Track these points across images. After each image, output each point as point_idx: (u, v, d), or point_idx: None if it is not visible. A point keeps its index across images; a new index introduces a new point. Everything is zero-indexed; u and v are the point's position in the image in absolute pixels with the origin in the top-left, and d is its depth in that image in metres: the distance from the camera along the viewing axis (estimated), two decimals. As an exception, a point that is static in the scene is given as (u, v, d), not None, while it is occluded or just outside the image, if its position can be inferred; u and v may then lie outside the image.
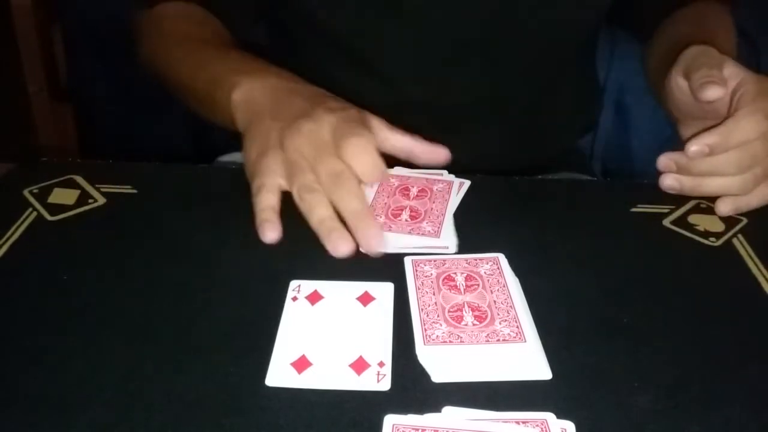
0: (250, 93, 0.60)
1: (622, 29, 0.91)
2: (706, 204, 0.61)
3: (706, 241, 0.57)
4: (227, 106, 0.61)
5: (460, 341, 0.46)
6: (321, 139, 0.55)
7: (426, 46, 0.75)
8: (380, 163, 0.55)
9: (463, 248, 0.55)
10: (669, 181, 0.60)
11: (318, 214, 0.53)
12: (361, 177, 0.54)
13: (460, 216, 0.59)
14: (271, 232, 0.54)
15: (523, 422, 0.40)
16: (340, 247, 0.51)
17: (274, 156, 0.56)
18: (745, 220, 0.59)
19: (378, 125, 0.58)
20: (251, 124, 0.59)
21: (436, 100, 0.78)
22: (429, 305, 0.49)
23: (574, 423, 0.40)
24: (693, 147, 0.57)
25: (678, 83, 0.61)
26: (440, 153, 0.58)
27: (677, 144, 0.61)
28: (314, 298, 0.49)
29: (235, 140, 0.62)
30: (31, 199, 0.60)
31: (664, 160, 0.60)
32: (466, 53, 0.76)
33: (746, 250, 0.56)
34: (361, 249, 0.52)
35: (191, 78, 0.68)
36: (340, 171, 0.54)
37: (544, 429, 0.40)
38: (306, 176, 0.54)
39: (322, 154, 0.54)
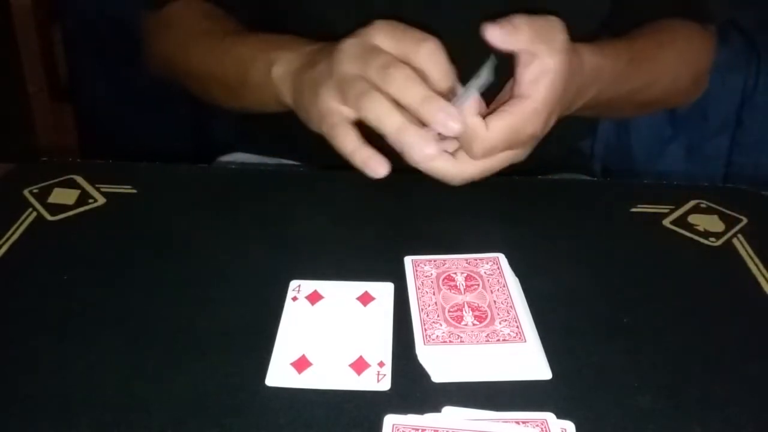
0: (290, 65, 0.60)
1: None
2: (706, 204, 0.61)
3: (706, 241, 0.57)
4: (267, 83, 0.61)
5: (460, 341, 0.46)
6: (362, 48, 0.54)
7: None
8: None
9: (463, 248, 0.55)
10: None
11: (389, 122, 0.51)
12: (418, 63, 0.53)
13: (459, 215, 0.59)
14: (378, 166, 0.51)
15: (523, 422, 0.40)
16: (425, 149, 0.50)
17: (326, 90, 0.54)
18: (745, 220, 0.59)
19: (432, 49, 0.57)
20: (299, 94, 0.59)
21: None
22: (429, 305, 0.49)
23: (574, 423, 0.40)
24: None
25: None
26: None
27: (673, 144, 0.61)
28: (314, 298, 0.50)
29: (235, 140, 0.62)
30: (31, 199, 0.60)
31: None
32: (466, 55, 0.75)
33: (746, 250, 0.56)
34: (440, 131, 0.50)
35: (219, 67, 0.68)
36: (387, 62, 0.52)
37: (544, 429, 0.40)
38: (357, 84, 0.52)
39: (366, 56, 0.53)
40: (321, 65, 0.56)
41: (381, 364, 0.44)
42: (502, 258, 0.53)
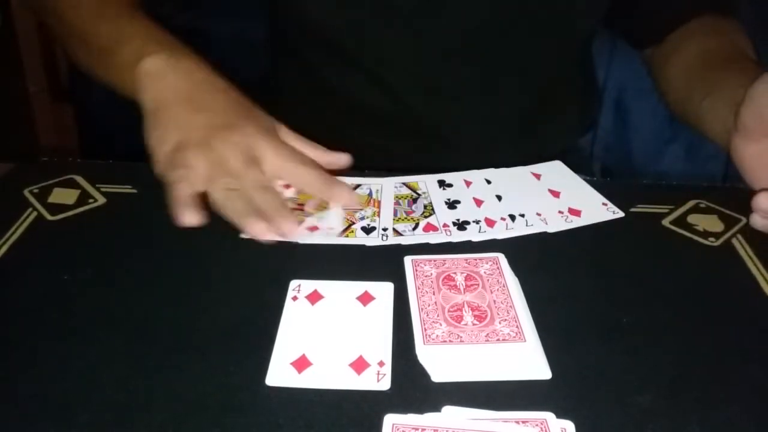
0: (164, 70, 0.59)
1: (614, 33, 0.91)
2: (706, 204, 0.61)
3: (705, 241, 0.57)
4: (130, 68, 0.59)
5: (460, 341, 0.46)
6: (249, 155, 0.55)
7: (423, 49, 0.75)
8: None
9: (463, 248, 0.55)
10: (761, 223, 0.57)
11: (235, 204, 0.53)
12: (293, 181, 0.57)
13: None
14: (190, 216, 0.53)
15: (523, 422, 0.40)
16: (255, 226, 0.53)
17: (197, 154, 0.55)
18: (744, 220, 0.59)
19: (287, 137, 0.59)
20: (164, 108, 0.58)
21: (434, 101, 0.78)
22: (429, 305, 0.49)
23: (574, 423, 0.40)
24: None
25: None
26: (340, 159, 0.60)
27: (673, 144, 0.60)
28: (314, 297, 0.50)
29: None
30: (31, 199, 0.60)
31: (763, 203, 0.56)
32: (465, 55, 0.76)
33: (746, 250, 0.56)
34: (274, 234, 0.53)
35: (93, 31, 0.65)
36: (264, 181, 0.55)
37: (544, 429, 0.40)
38: (231, 181, 0.54)
39: (248, 165, 0.55)
40: (201, 123, 0.57)
41: (381, 364, 0.44)
42: (502, 258, 0.53)
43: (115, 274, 0.52)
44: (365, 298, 0.49)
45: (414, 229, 0.57)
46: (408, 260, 0.53)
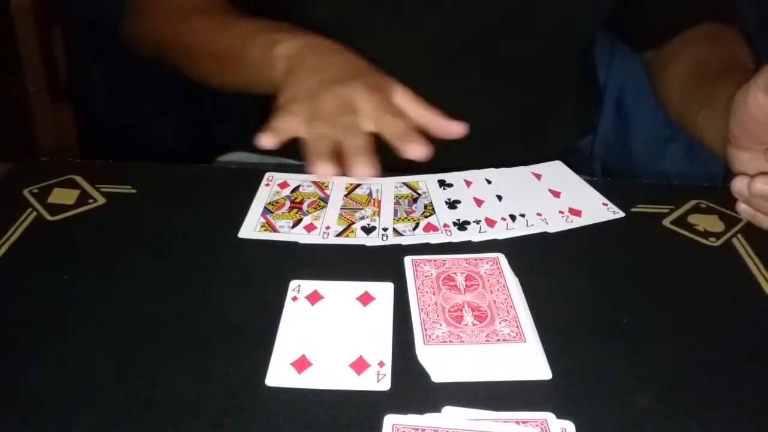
0: (293, 48, 0.65)
1: (614, 35, 0.91)
2: (706, 204, 0.61)
3: (705, 241, 0.57)
4: (266, 59, 0.66)
5: (460, 341, 0.46)
6: (348, 104, 0.60)
7: (424, 49, 0.75)
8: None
9: (463, 248, 0.55)
10: (743, 207, 0.58)
11: (319, 144, 0.58)
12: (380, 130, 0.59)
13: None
14: (264, 140, 0.59)
15: (523, 422, 0.40)
16: (322, 167, 0.57)
17: (301, 104, 0.61)
18: (745, 220, 0.59)
19: (403, 98, 0.63)
20: (291, 74, 0.64)
21: (436, 101, 0.78)
22: (429, 305, 0.49)
23: (574, 423, 0.40)
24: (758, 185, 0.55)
25: (758, 99, 0.55)
26: (456, 127, 0.62)
27: (673, 144, 0.60)
28: (314, 298, 0.49)
29: (235, 140, 0.62)
30: (31, 199, 0.60)
31: (740, 186, 0.56)
32: (466, 56, 0.76)
33: (746, 250, 0.56)
34: (350, 174, 0.57)
35: (215, 41, 0.72)
36: (355, 124, 0.59)
37: (544, 429, 0.40)
38: (322, 126, 0.59)
39: (344, 112, 0.59)
40: (313, 81, 0.62)
41: (381, 364, 0.44)
42: (502, 258, 0.53)
43: (115, 274, 0.52)
44: (365, 299, 0.49)
45: (414, 229, 0.57)
46: (408, 260, 0.53)
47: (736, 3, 0.81)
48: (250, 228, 0.57)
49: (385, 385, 0.43)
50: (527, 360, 0.45)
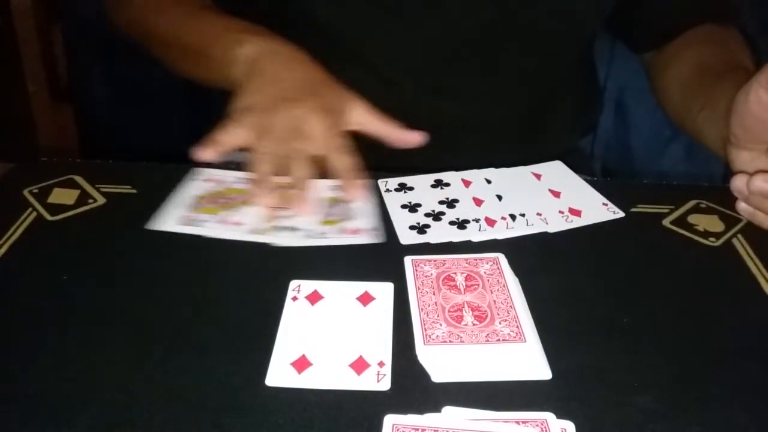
0: (255, 51, 0.65)
1: (614, 36, 0.91)
2: (706, 204, 0.61)
3: (705, 241, 0.57)
4: (229, 57, 0.65)
5: (460, 341, 0.46)
6: (299, 127, 0.59)
7: (425, 50, 0.75)
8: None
9: (463, 248, 0.55)
10: (743, 206, 0.57)
11: (264, 165, 0.58)
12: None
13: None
14: (201, 153, 0.59)
15: (523, 422, 0.40)
16: (263, 198, 0.58)
17: (253, 117, 0.60)
18: (745, 220, 0.59)
19: (359, 112, 0.63)
20: (248, 79, 0.63)
21: (436, 101, 0.78)
22: (429, 305, 0.49)
23: (574, 423, 0.40)
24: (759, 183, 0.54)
25: (760, 97, 0.54)
26: (414, 137, 0.62)
27: (673, 144, 0.60)
28: (314, 298, 0.49)
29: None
30: (31, 199, 0.60)
31: (739, 184, 0.56)
32: (467, 56, 0.76)
33: (746, 250, 0.56)
34: (289, 208, 0.58)
35: (187, 33, 0.72)
36: (303, 152, 0.58)
37: (544, 429, 0.40)
38: (271, 145, 0.59)
39: (295, 136, 0.59)
40: (273, 92, 0.62)
41: (381, 364, 0.44)
42: (502, 258, 0.53)
43: (115, 274, 0.52)
44: (365, 299, 0.49)
45: (337, 231, 0.57)
46: (408, 260, 0.53)
47: (736, 4, 0.81)
48: (171, 221, 0.57)
49: (385, 385, 0.43)
50: (527, 360, 0.45)
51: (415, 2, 0.73)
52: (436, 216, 0.59)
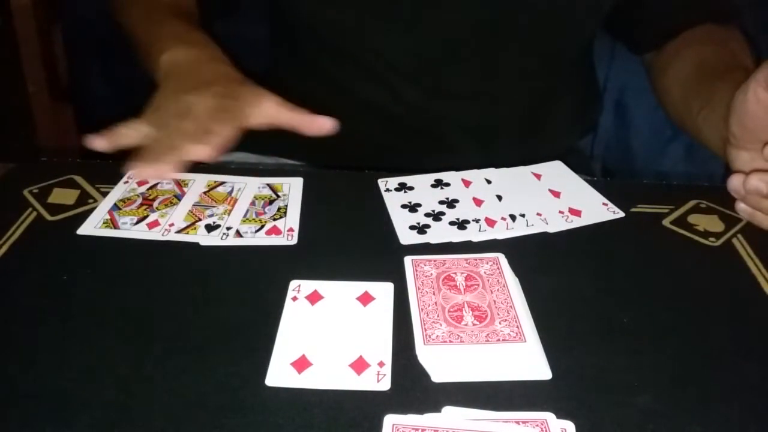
0: (174, 57, 0.68)
1: (613, 37, 0.91)
2: (706, 204, 0.61)
3: (705, 241, 0.57)
4: (154, 65, 0.69)
5: (460, 341, 0.46)
6: (186, 110, 0.60)
7: (424, 49, 0.75)
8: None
9: (463, 248, 0.55)
10: (742, 206, 0.59)
11: (148, 148, 0.59)
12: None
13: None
14: (99, 141, 0.61)
15: (523, 422, 0.40)
16: (141, 169, 0.59)
17: (159, 110, 0.62)
18: (745, 220, 0.59)
19: (269, 104, 0.62)
20: (164, 81, 0.66)
21: (436, 102, 0.78)
22: (429, 305, 0.49)
23: (574, 423, 0.40)
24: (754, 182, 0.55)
25: (758, 95, 0.54)
26: (324, 123, 0.62)
27: (673, 144, 0.60)
28: (314, 298, 0.49)
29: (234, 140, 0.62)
30: (31, 199, 0.60)
31: (736, 183, 0.57)
32: (466, 56, 0.76)
33: (746, 250, 0.56)
34: (148, 172, 0.60)
35: (144, 33, 0.76)
36: (182, 128, 0.59)
37: (544, 429, 0.40)
38: (157, 132, 0.60)
39: (180, 118, 0.60)
40: (171, 90, 0.64)
41: (381, 364, 0.44)
42: (502, 258, 0.53)
43: (115, 274, 0.52)
44: (365, 298, 0.49)
45: (257, 231, 0.57)
46: (408, 260, 0.53)
47: (736, 3, 0.81)
48: (92, 224, 0.57)
49: (385, 385, 0.43)
50: (527, 360, 0.45)
51: (415, 3, 0.73)
52: (437, 216, 0.59)
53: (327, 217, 0.59)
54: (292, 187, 0.63)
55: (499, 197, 0.61)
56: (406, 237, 0.56)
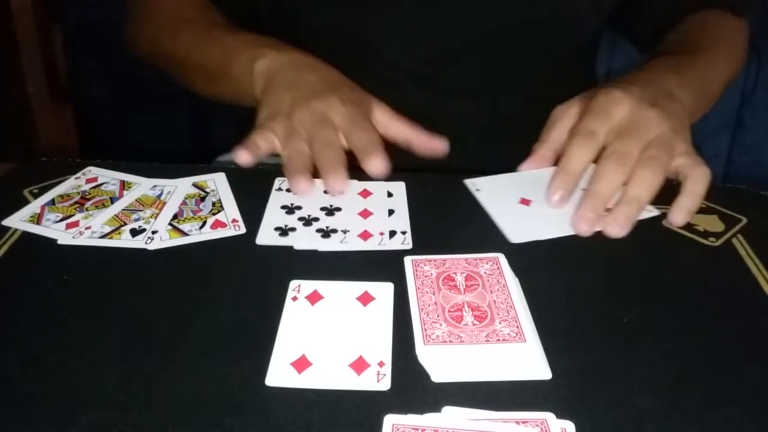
0: (272, 64, 0.66)
1: (622, 36, 0.91)
2: (706, 204, 0.61)
3: (705, 241, 0.57)
4: (247, 74, 0.66)
5: (460, 341, 0.46)
6: (323, 118, 0.60)
7: (425, 48, 0.75)
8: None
9: (463, 248, 0.55)
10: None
11: (296, 162, 0.59)
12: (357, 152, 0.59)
13: (459, 215, 0.59)
14: (242, 156, 0.59)
15: (523, 422, 0.40)
16: (300, 184, 0.58)
17: (278, 121, 0.61)
18: (745, 220, 0.59)
19: (382, 114, 0.63)
20: (268, 90, 0.64)
21: (436, 101, 0.78)
22: (429, 305, 0.49)
23: (574, 423, 0.40)
24: (555, 197, 0.58)
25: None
26: (438, 144, 0.62)
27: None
28: (314, 298, 0.49)
29: (234, 140, 0.62)
30: (31, 199, 0.60)
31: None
32: (467, 55, 0.76)
33: (746, 250, 0.56)
34: (325, 188, 0.59)
35: (202, 55, 0.72)
36: (332, 141, 0.59)
37: (544, 429, 0.40)
38: (298, 142, 0.60)
39: (320, 127, 0.59)
40: (290, 97, 0.63)
41: (381, 364, 0.44)
42: (502, 258, 0.53)
43: (114, 274, 0.52)
44: (365, 298, 0.49)
45: (201, 227, 0.57)
46: (408, 260, 0.53)
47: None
48: (19, 217, 0.57)
49: (385, 385, 0.43)
50: (527, 360, 0.45)
51: (415, 3, 0.73)
52: (308, 221, 0.57)
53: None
54: (217, 182, 0.63)
55: (391, 212, 0.59)
56: (264, 237, 0.55)
